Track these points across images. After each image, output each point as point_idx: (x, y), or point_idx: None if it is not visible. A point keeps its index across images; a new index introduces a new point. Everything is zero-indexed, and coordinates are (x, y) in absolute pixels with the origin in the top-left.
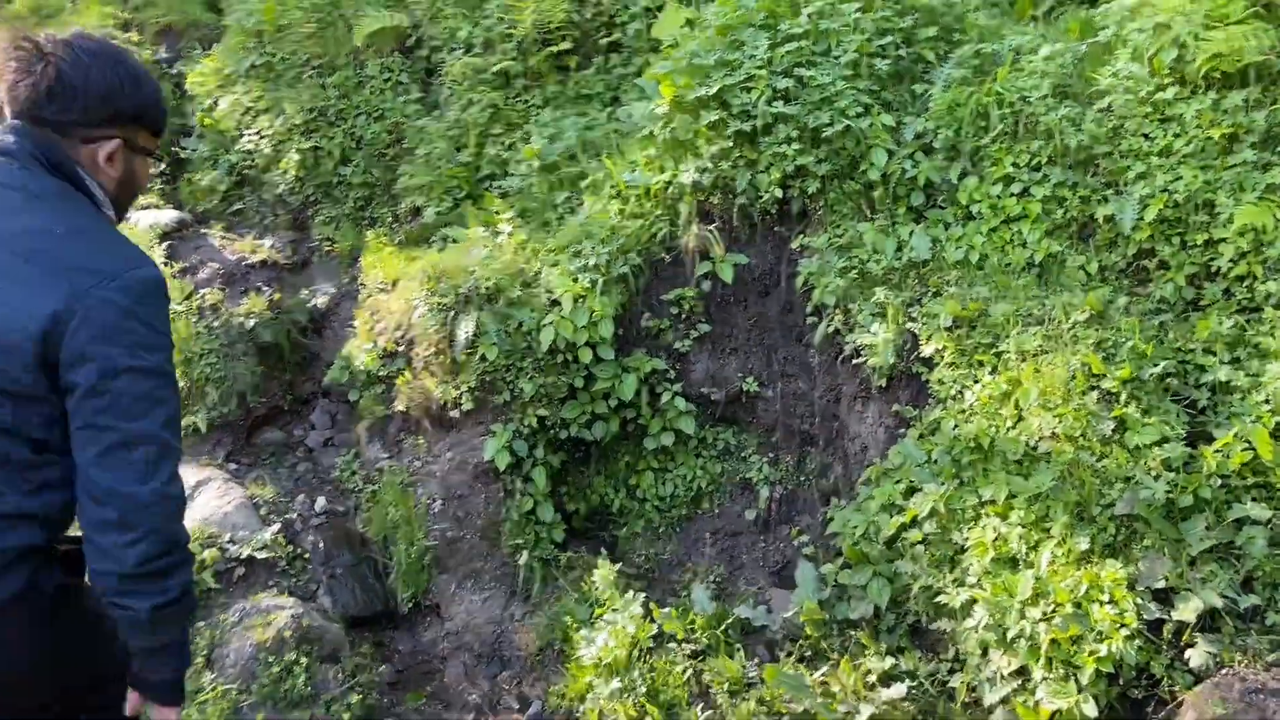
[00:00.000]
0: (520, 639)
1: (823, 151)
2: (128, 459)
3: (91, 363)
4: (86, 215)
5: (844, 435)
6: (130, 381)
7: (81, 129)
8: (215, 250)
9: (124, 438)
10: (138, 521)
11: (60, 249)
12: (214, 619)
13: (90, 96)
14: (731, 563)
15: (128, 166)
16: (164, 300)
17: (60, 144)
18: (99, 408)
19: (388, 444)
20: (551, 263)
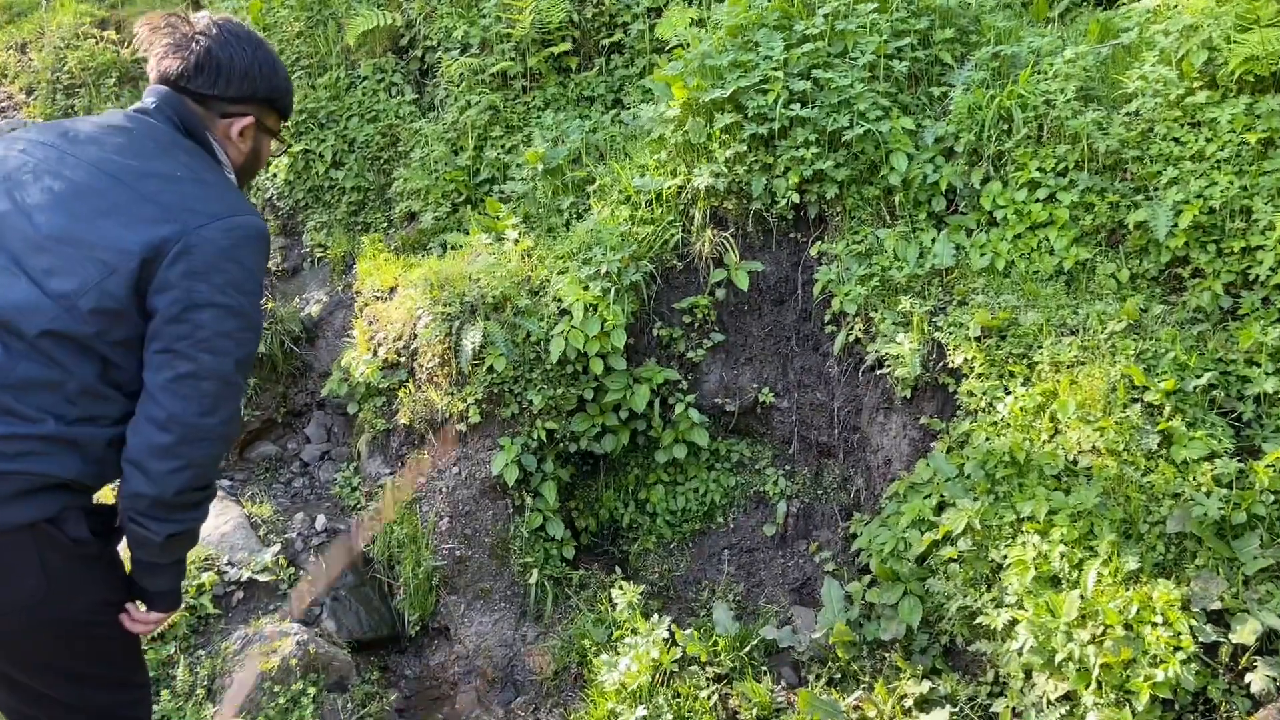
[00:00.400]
0: (534, 662)
1: (841, 155)
2: (197, 389)
3: (177, 290)
4: (210, 170)
5: (865, 448)
6: (214, 316)
7: (221, 103)
8: None
9: (197, 369)
10: (190, 452)
11: (179, 190)
12: (214, 646)
13: (234, 74)
14: (750, 579)
15: (256, 143)
16: (263, 251)
17: (198, 113)
18: (179, 334)
19: (389, 459)
20: (560, 270)
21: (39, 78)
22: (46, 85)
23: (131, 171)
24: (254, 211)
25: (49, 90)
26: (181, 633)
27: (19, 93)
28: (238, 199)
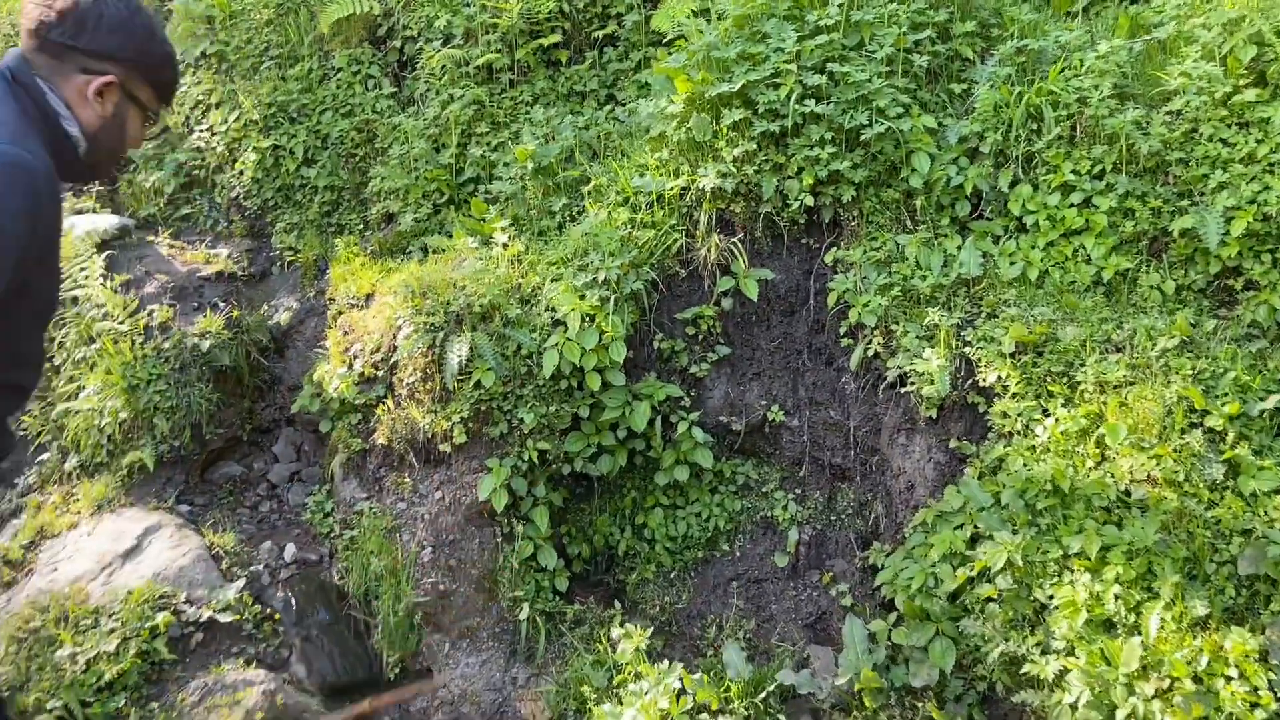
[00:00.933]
0: (526, 709)
1: (859, 155)
2: None
3: None
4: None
5: (885, 471)
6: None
7: (81, 56)
8: (163, 260)
9: None
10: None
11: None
12: (169, 698)
13: (99, 27)
14: (759, 614)
15: (119, 111)
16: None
17: (47, 65)
18: None
19: (366, 482)
20: (553, 277)
21: None
22: None
23: None
24: (10, 141)
25: None
26: (132, 682)
27: None
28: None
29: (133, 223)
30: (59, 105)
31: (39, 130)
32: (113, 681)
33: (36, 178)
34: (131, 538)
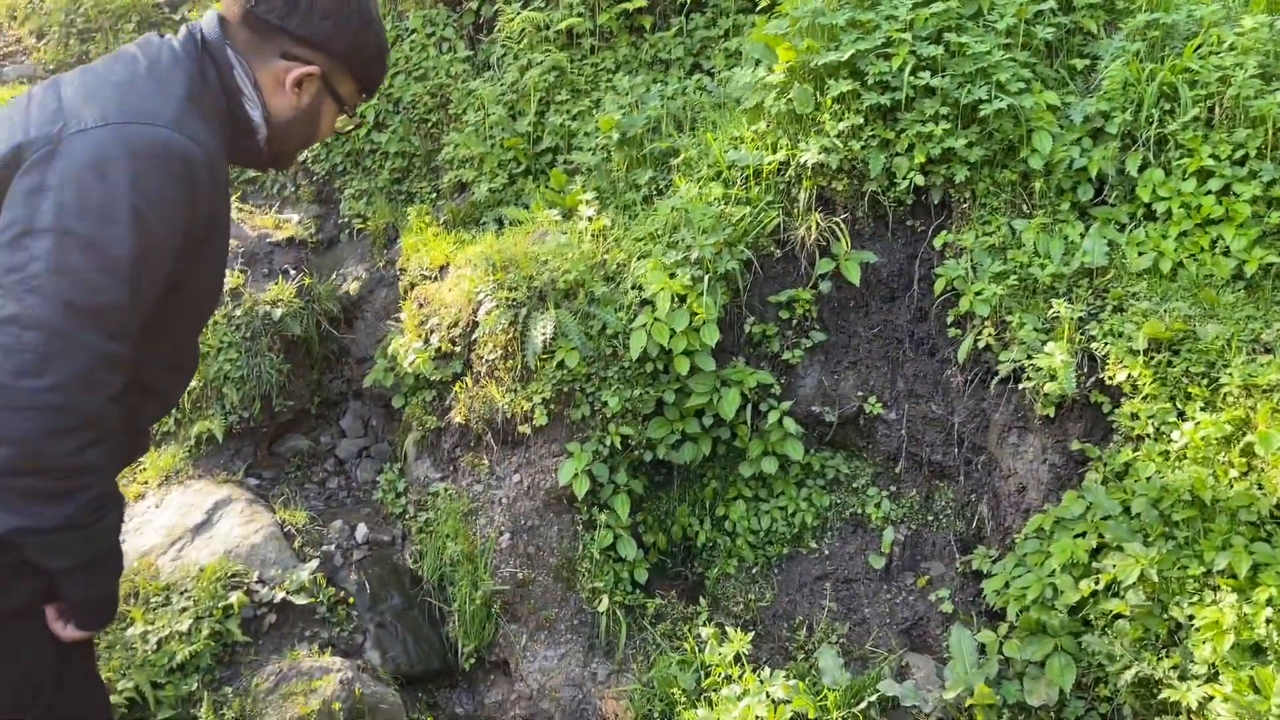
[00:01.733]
0: (608, 708)
1: (974, 133)
2: (18, 340)
3: (18, 209)
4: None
5: (992, 471)
6: (53, 247)
7: (286, 40)
8: (233, 225)
9: (20, 312)
10: (4, 422)
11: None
12: (243, 683)
13: (313, 11)
14: (850, 616)
15: (314, 104)
16: (155, 173)
17: (244, 41)
18: (9, 265)
19: (440, 462)
20: (640, 254)
21: (50, 20)
22: (59, 29)
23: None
24: (173, 124)
25: (61, 34)
26: (205, 664)
27: (29, 36)
28: (153, 105)
29: None
30: (246, 85)
31: (211, 108)
32: (185, 663)
33: (193, 166)
34: (201, 511)
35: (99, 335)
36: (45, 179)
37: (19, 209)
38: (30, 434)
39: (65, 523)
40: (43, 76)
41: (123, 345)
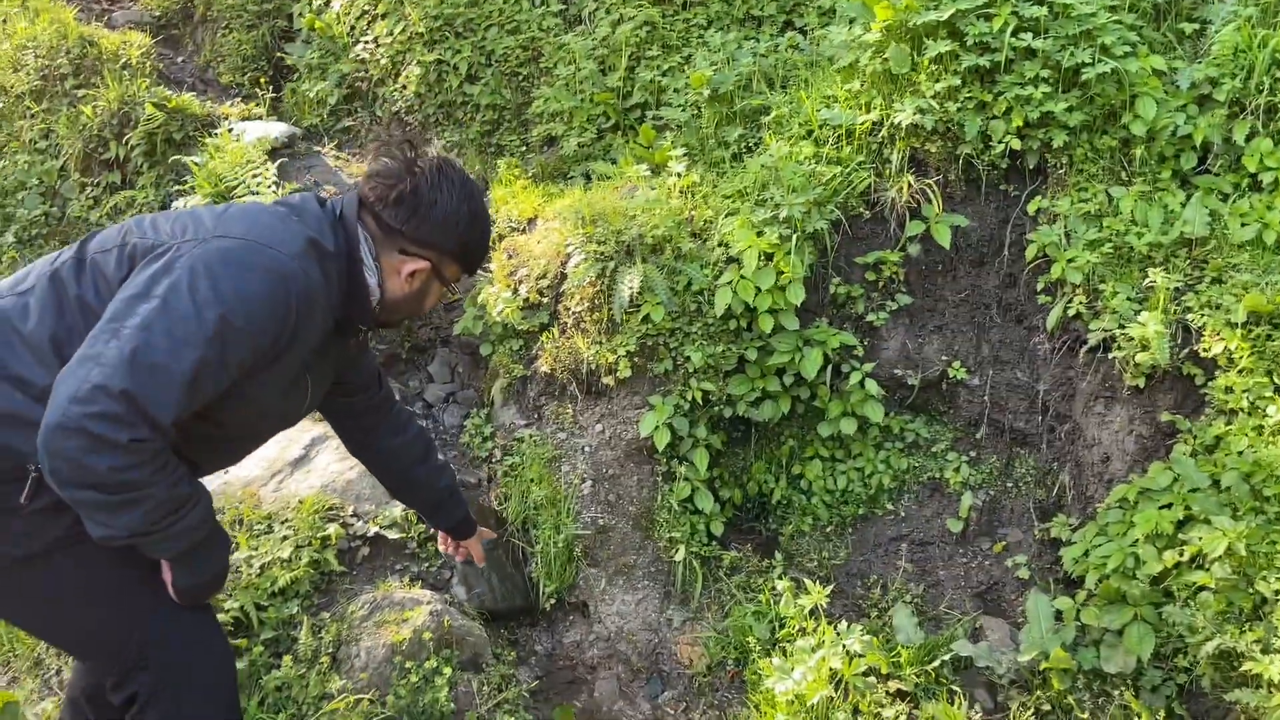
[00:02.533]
0: (683, 653)
1: (1075, 97)
2: (86, 370)
3: (141, 277)
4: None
5: (1076, 440)
6: (153, 309)
7: (405, 240)
8: (330, 171)
9: (102, 353)
10: (50, 437)
11: (237, 214)
12: (339, 609)
13: (428, 219)
14: (925, 577)
15: (424, 288)
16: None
17: (373, 235)
18: (113, 313)
19: (525, 409)
20: (728, 211)
21: None
22: None
23: (223, 207)
24: (292, 256)
25: None
26: (304, 590)
27: None
28: (283, 238)
29: (299, 132)
30: (368, 257)
31: (330, 262)
32: (285, 588)
33: (291, 287)
34: (300, 447)
35: (142, 389)
36: (175, 262)
37: (145, 277)
38: (73, 452)
39: (133, 531)
40: (150, 22)
41: (160, 407)
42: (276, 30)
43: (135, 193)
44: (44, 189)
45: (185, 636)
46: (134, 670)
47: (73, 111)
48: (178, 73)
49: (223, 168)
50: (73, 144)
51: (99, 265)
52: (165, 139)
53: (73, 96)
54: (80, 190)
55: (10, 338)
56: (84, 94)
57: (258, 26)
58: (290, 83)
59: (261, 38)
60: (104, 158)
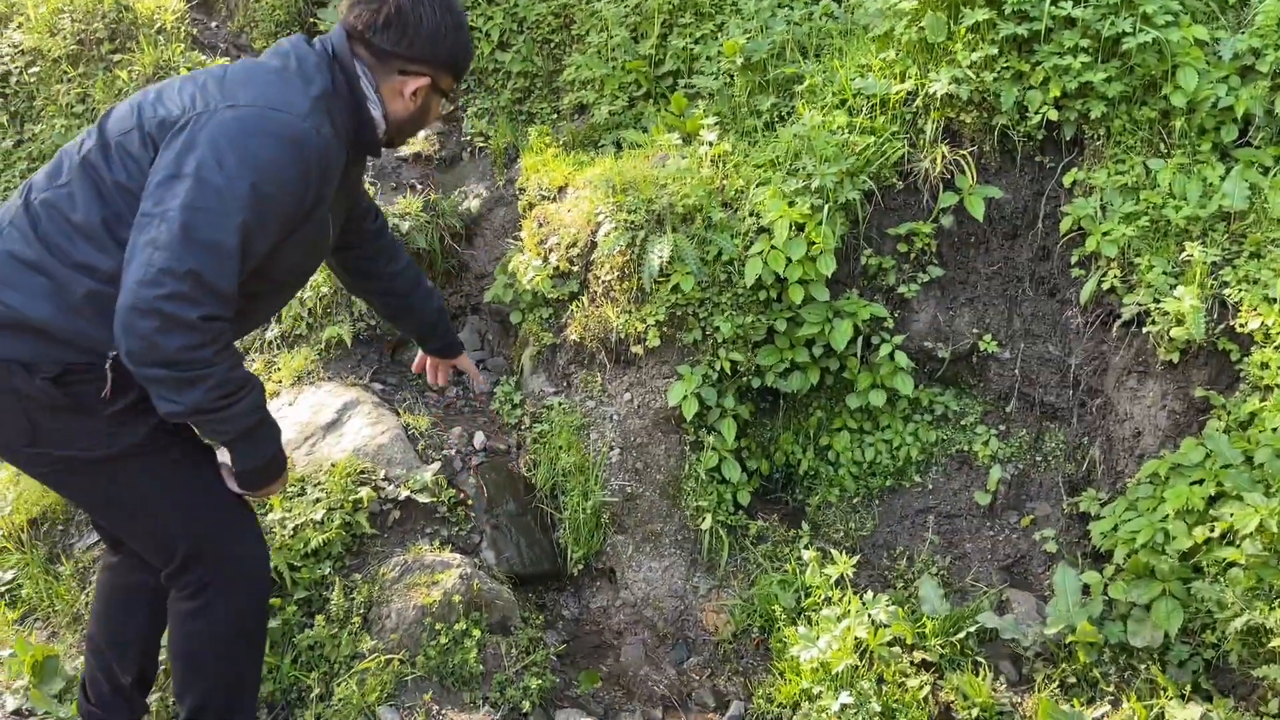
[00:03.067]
0: (708, 620)
1: (1114, 67)
2: (150, 257)
3: (170, 155)
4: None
5: (1108, 415)
6: (190, 188)
7: (401, 60)
8: None
9: (156, 236)
10: (133, 321)
11: (241, 75)
12: (370, 571)
13: (419, 35)
14: (951, 550)
15: (425, 103)
16: (287, 153)
17: (366, 61)
18: (156, 199)
19: (555, 377)
20: (760, 181)
21: None
22: None
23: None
24: (304, 117)
25: None
26: (336, 551)
27: None
28: (291, 99)
29: None
30: (369, 90)
31: (338, 108)
32: (318, 549)
33: (310, 150)
34: (332, 411)
35: (203, 264)
36: (196, 137)
37: (172, 156)
38: (148, 332)
39: (196, 407)
40: None
41: (222, 278)
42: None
43: None
44: None
45: (235, 536)
46: (190, 562)
47: (108, 76)
48: (211, 38)
49: None
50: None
51: (124, 147)
52: None
53: (108, 61)
54: None
55: (65, 228)
56: (119, 59)
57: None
58: None
59: (294, 3)
60: None
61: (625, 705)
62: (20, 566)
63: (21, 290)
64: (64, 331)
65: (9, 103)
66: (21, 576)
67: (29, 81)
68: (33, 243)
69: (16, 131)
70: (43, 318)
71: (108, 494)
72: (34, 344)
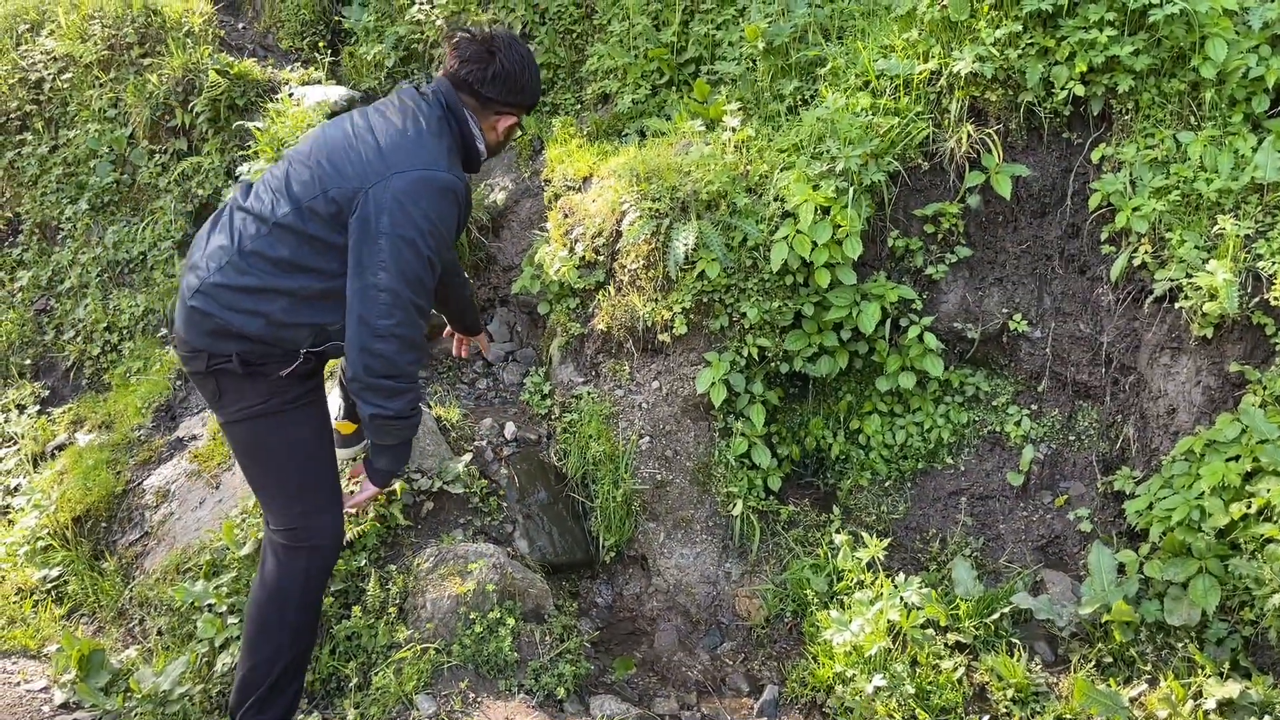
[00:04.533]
0: (741, 605)
1: (1141, 40)
2: (376, 298)
3: (365, 221)
4: (434, 136)
5: (1141, 392)
6: (389, 244)
7: (499, 105)
8: None
9: (376, 282)
10: (371, 343)
11: (390, 145)
12: (405, 562)
13: (514, 87)
14: (984, 531)
15: (509, 132)
16: (443, 200)
17: (471, 105)
18: (364, 254)
19: (583, 367)
20: (784, 165)
21: None
22: None
23: (369, 129)
24: (448, 170)
25: None
26: (371, 544)
27: None
28: (437, 157)
29: (357, 95)
30: (475, 130)
31: (457, 150)
32: (354, 541)
33: (459, 195)
34: None
35: (416, 295)
36: (382, 202)
37: (370, 218)
38: (388, 352)
39: (398, 412)
40: None
41: (426, 302)
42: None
43: (201, 159)
44: (114, 157)
45: (332, 519)
46: (290, 518)
47: (139, 80)
48: (239, 39)
49: (284, 132)
50: (140, 112)
51: (314, 209)
52: (228, 105)
53: (139, 65)
54: (149, 157)
55: (270, 267)
56: (149, 62)
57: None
58: (348, 46)
59: (319, 2)
60: (170, 125)
61: (660, 691)
62: (66, 563)
63: (241, 314)
64: (269, 338)
65: (43, 109)
66: (67, 573)
67: (62, 87)
68: (248, 276)
69: (52, 137)
70: (256, 332)
71: (252, 444)
72: (246, 344)
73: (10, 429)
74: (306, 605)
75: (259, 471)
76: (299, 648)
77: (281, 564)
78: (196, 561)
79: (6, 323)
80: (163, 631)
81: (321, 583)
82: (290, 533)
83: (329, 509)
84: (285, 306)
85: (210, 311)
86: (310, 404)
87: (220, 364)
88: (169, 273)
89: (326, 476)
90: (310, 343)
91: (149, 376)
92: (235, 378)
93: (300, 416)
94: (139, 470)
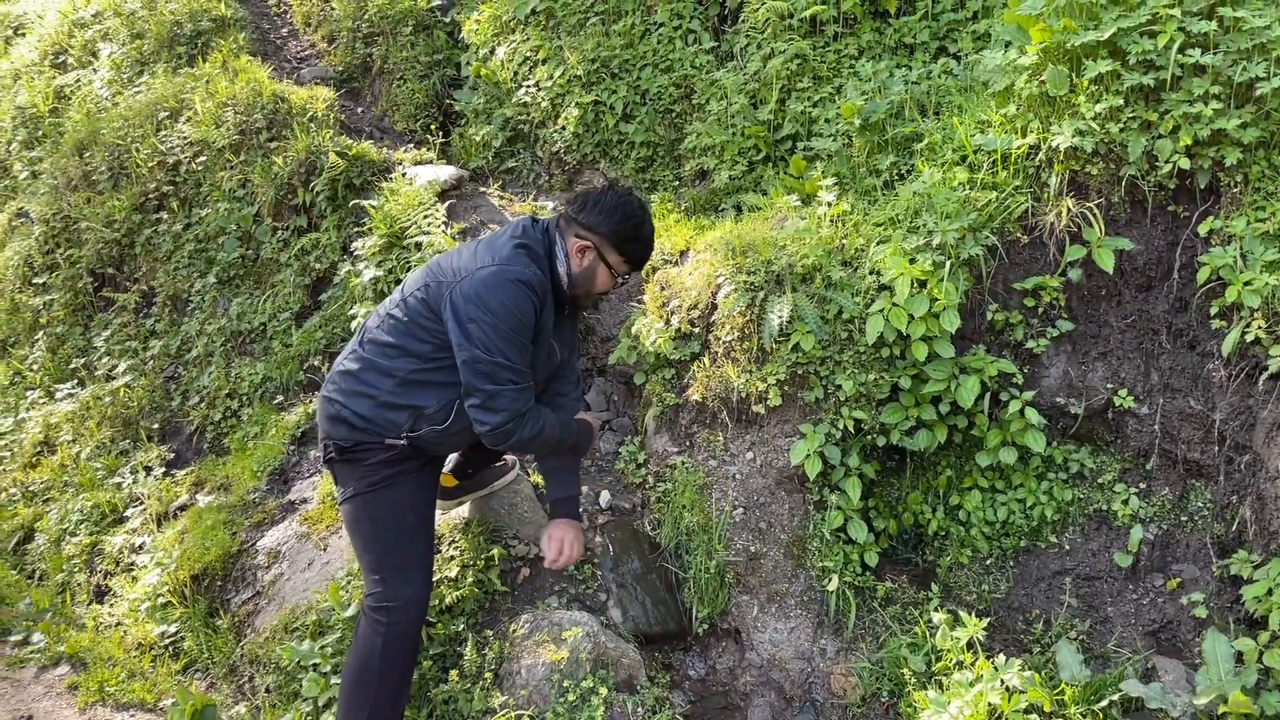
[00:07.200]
0: (837, 683)
1: (1249, 113)
2: (475, 368)
3: (456, 317)
4: (521, 244)
5: (1259, 472)
6: (477, 328)
7: (577, 225)
8: (494, 210)
9: (473, 356)
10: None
11: (469, 257)
12: (501, 628)
13: (593, 209)
14: (1091, 614)
15: (591, 266)
16: (512, 291)
17: (557, 225)
18: (460, 339)
19: (678, 437)
20: (880, 239)
21: (340, 26)
22: (347, 34)
23: (476, 241)
24: (514, 264)
25: (349, 39)
26: (469, 608)
27: (321, 41)
28: (513, 260)
29: (466, 174)
30: (560, 252)
31: (544, 264)
32: (452, 605)
33: (532, 289)
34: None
35: (503, 368)
36: (469, 294)
37: (460, 308)
38: (500, 406)
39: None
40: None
41: (514, 373)
42: (446, 79)
43: (319, 235)
44: (241, 233)
45: (413, 588)
46: (378, 585)
47: (266, 162)
48: (357, 122)
49: (397, 210)
50: (265, 192)
51: (416, 298)
52: (346, 184)
53: (266, 148)
54: (272, 234)
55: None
56: (276, 145)
57: (429, 76)
58: (458, 128)
59: (432, 86)
60: (293, 203)
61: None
62: (183, 620)
63: (355, 396)
64: (375, 419)
65: (179, 189)
66: (184, 629)
67: (196, 170)
68: (361, 361)
69: (185, 215)
70: (365, 412)
71: (348, 521)
72: (350, 431)
73: (138, 489)
74: (389, 668)
75: (354, 543)
76: (386, 710)
77: (367, 628)
78: (303, 621)
79: (138, 389)
80: (270, 689)
81: (403, 648)
82: (373, 596)
83: (411, 578)
84: (391, 387)
85: (331, 397)
86: (399, 483)
87: (329, 454)
88: (286, 342)
89: (412, 546)
90: (409, 426)
91: (265, 441)
92: (338, 466)
93: (389, 495)
94: (253, 531)
